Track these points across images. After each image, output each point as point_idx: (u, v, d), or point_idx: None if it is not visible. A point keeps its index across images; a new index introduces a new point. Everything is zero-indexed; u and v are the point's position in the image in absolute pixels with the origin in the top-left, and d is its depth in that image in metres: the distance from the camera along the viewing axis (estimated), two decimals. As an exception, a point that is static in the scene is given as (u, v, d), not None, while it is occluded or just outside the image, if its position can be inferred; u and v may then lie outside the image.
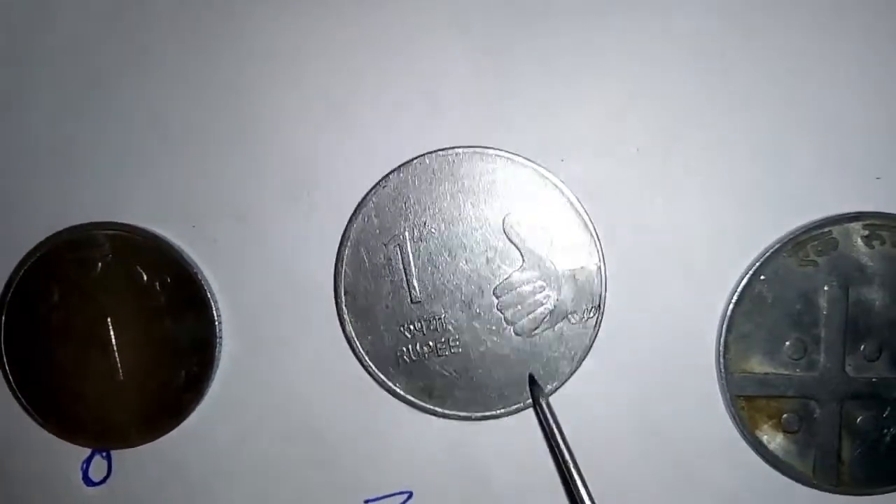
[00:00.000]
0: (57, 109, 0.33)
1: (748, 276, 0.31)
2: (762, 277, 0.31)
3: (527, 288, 0.32)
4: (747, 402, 0.32)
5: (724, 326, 0.32)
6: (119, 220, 0.33)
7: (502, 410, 0.32)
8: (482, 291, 0.32)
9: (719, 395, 0.32)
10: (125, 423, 0.33)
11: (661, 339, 0.32)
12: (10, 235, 0.33)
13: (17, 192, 0.33)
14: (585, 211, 0.31)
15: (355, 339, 0.32)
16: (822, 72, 0.32)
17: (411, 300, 0.32)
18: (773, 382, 0.32)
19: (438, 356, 0.32)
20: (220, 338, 0.33)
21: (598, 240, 0.31)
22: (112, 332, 0.33)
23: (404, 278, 0.32)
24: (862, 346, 0.31)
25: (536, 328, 0.32)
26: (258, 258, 0.33)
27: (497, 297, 0.32)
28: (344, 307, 0.32)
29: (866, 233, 0.31)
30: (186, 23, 0.33)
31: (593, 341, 0.32)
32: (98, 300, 0.33)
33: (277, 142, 0.33)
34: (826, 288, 0.31)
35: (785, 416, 0.32)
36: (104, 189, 0.33)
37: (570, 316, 0.32)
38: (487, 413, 0.32)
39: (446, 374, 0.32)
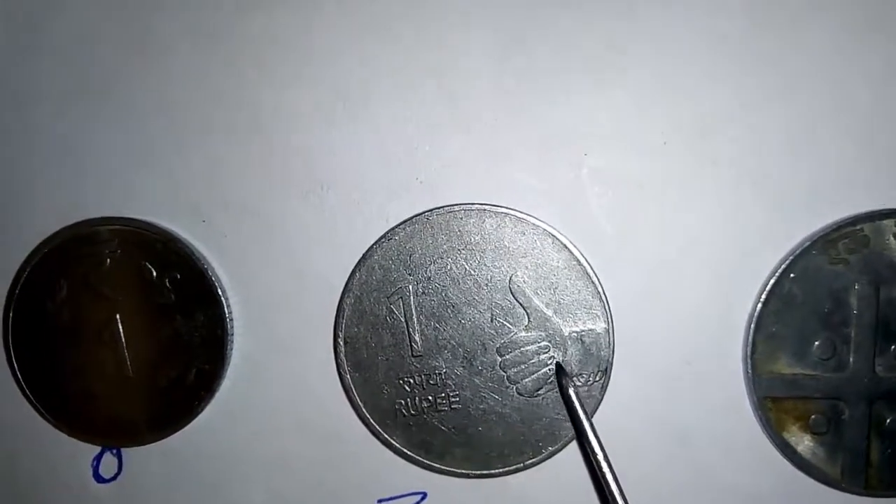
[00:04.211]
0: (64, 103, 0.32)
1: (777, 274, 0.30)
2: (792, 276, 0.30)
3: (531, 348, 0.31)
4: (775, 403, 0.31)
5: (753, 326, 0.31)
6: (127, 215, 0.32)
7: (501, 470, 0.32)
8: (485, 348, 0.31)
9: (746, 397, 0.31)
10: (135, 421, 0.33)
11: (686, 341, 0.31)
12: (17, 231, 0.32)
13: (24, 186, 0.32)
14: (594, 272, 0.31)
15: (353, 389, 0.32)
16: (854, 65, 0.31)
17: (412, 353, 0.31)
18: (801, 383, 0.31)
19: (438, 411, 0.32)
20: (232, 334, 0.32)
21: (607, 302, 0.31)
22: (121, 329, 0.32)
23: (406, 331, 0.31)
24: (893, 346, 0.31)
25: (539, 389, 0.31)
26: (269, 254, 0.32)
27: (500, 356, 0.31)
28: (343, 357, 0.31)
29: (899, 230, 0.30)
30: (199, 14, 0.32)
31: (599, 405, 0.31)
32: (106, 296, 0.32)
33: (290, 136, 0.32)
34: (857, 286, 0.30)
35: (813, 417, 0.31)
36: (112, 183, 0.32)
37: (575, 378, 0.31)
38: (485, 472, 0.32)
39: (445, 429, 0.32)
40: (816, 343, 0.31)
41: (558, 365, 0.31)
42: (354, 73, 0.31)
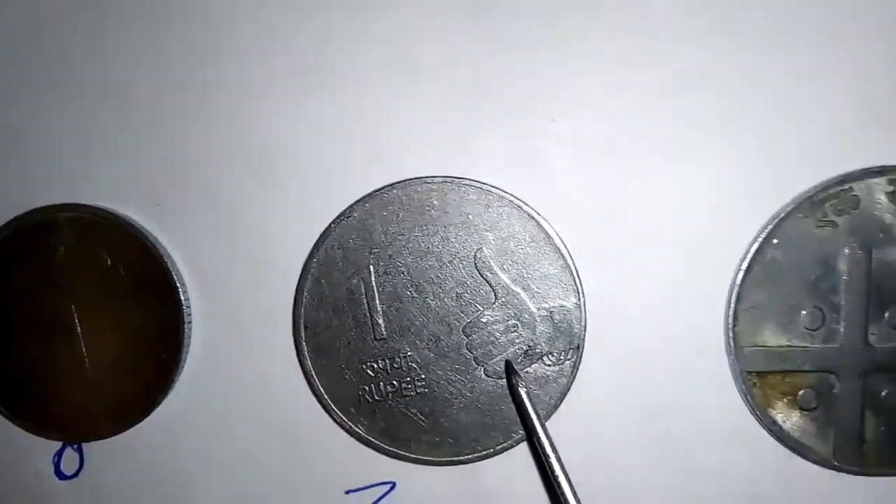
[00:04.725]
0: (13, 90, 0.31)
1: (759, 240, 0.29)
2: (775, 241, 0.29)
3: (498, 327, 0.30)
4: (759, 378, 0.29)
5: (734, 296, 0.29)
6: (80, 202, 0.31)
7: (470, 456, 0.30)
8: (451, 329, 0.30)
9: (728, 371, 0.30)
10: (95, 414, 0.32)
11: (663, 314, 0.30)
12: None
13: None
14: (564, 244, 0.29)
15: (314, 375, 0.30)
16: (843, 14, 0.29)
17: (375, 337, 0.30)
18: (787, 356, 0.29)
19: (403, 396, 0.30)
20: (189, 322, 0.31)
21: (578, 276, 0.29)
22: (77, 320, 0.31)
23: (368, 313, 0.30)
24: (886, 314, 0.29)
25: None
26: (226, 236, 0.31)
27: (466, 336, 0.30)
28: (303, 342, 0.30)
29: (891, 189, 0.28)
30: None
31: (570, 384, 0.30)
32: (61, 287, 0.31)
33: (243, 112, 0.30)
34: (846, 251, 0.29)
35: (801, 392, 0.29)
36: (64, 170, 0.31)
37: (545, 357, 0.30)
38: (454, 459, 0.30)
39: (411, 416, 0.30)
40: (804, 313, 0.29)
41: (508, 363, 0.30)
42: (309, 44, 0.30)
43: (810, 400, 0.29)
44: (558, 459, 0.27)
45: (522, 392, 0.28)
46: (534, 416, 0.28)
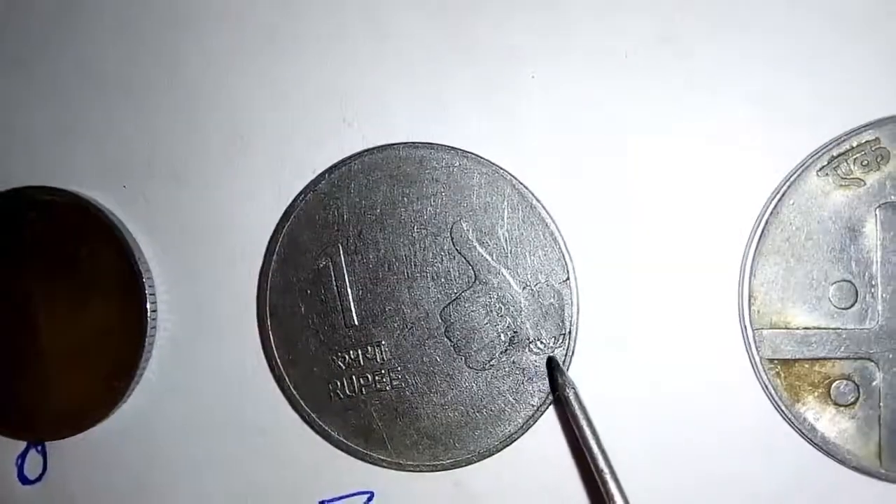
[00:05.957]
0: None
1: (774, 201, 0.26)
2: (792, 202, 0.26)
3: (480, 310, 0.27)
4: (784, 367, 0.26)
5: (748, 269, 0.26)
6: (44, 184, 0.30)
7: (452, 460, 0.27)
8: (427, 314, 0.27)
9: (746, 358, 0.26)
10: (57, 411, 0.30)
11: (667, 292, 0.27)
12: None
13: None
14: (550, 215, 0.27)
15: (282, 369, 0.28)
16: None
17: (346, 324, 0.28)
18: (816, 340, 0.26)
19: (377, 391, 0.28)
20: (155, 312, 0.29)
21: (568, 250, 0.27)
22: (39, 310, 0.30)
23: (338, 298, 0.28)
24: (934, 288, 0.25)
25: (492, 360, 0.27)
26: (191, 218, 0.29)
27: (445, 322, 0.27)
28: (269, 332, 0.28)
29: (928, 140, 0.25)
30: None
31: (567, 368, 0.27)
32: (23, 275, 0.30)
33: (208, 86, 0.29)
34: (878, 213, 0.25)
35: (835, 384, 0.26)
36: (25, 150, 0.30)
37: (532, 344, 0.27)
38: (435, 463, 0.27)
39: (386, 414, 0.28)
40: (832, 287, 0.25)
41: (551, 360, 0.26)
42: (279, 22, 0.28)
43: (847, 393, 0.26)
44: (617, 484, 0.23)
45: (570, 395, 0.25)
46: (585, 427, 0.24)
